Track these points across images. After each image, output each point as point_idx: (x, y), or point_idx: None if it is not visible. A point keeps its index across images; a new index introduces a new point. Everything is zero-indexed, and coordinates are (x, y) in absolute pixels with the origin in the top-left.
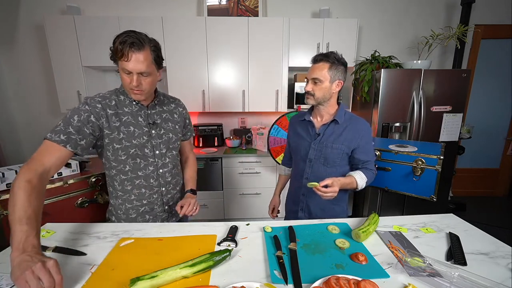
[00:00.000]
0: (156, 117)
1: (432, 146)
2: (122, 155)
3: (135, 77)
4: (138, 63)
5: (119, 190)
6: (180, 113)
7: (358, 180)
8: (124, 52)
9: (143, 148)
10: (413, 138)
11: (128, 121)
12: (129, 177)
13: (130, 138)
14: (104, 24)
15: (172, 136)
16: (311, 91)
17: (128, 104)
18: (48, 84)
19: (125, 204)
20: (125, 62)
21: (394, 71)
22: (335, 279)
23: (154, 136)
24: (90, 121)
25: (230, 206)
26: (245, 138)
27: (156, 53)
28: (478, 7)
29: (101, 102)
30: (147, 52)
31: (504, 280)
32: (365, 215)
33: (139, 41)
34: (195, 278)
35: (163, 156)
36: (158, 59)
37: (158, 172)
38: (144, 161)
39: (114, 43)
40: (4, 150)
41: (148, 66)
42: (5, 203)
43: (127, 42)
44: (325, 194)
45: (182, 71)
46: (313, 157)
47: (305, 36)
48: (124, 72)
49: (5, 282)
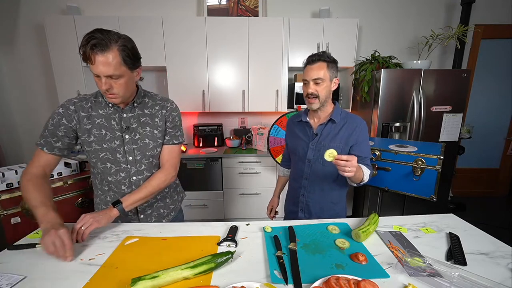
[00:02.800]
0: (132, 121)
1: (432, 146)
2: (93, 157)
3: (103, 81)
4: (104, 65)
5: (99, 189)
6: (162, 116)
7: (365, 172)
8: (88, 55)
9: (115, 152)
10: (413, 138)
11: (101, 124)
12: (106, 177)
13: (101, 141)
14: (104, 24)
15: (149, 142)
16: (315, 92)
17: (103, 106)
18: (48, 84)
19: (101, 205)
20: (91, 65)
21: (394, 71)
22: (335, 279)
23: (128, 141)
24: (62, 123)
25: (230, 206)
26: (245, 138)
27: (126, 52)
28: (478, 7)
29: (76, 104)
30: (114, 53)
31: (504, 280)
32: (365, 215)
33: (103, 41)
34: (196, 279)
35: (138, 163)
36: (130, 59)
37: (130, 180)
38: (116, 166)
39: (80, 43)
40: (4, 150)
41: (116, 68)
42: (5, 203)
43: (89, 43)
44: (345, 167)
45: (182, 71)
46: (312, 157)
47: (305, 36)
48: (94, 75)
49: (5, 282)
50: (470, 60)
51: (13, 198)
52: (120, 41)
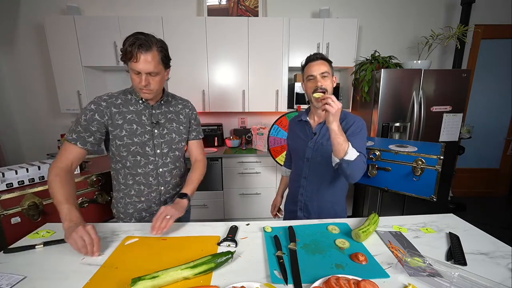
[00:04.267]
0: (160, 117)
1: (432, 146)
2: (124, 151)
3: (143, 77)
4: (146, 63)
5: (122, 183)
6: (186, 114)
7: (350, 147)
8: (133, 54)
9: (144, 146)
10: (413, 138)
11: (132, 119)
12: (131, 171)
13: (132, 135)
14: (104, 24)
15: (175, 136)
16: (324, 86)
17: (134, 103)
18: (48, 84)
19: (125, 199)
20: (134, 63)
21: (394, 71)
22: (335, 279)
23: (157, 135)
24: (95, 119)
25: (230, 206)
26: (245, 138)
27: (163, 53)
28: (478, 7)
29: (107, 101)
30: (155, 53)
31: (504, 280)
32: (365, 215)
33: (147, 42)
34: (196, 279)
35: (164, 155)
36: (165, 59)
37: (157, 171)
38: (145, 159)
39: (124, 45)
40: (4, 150)
41: (156, 66)
42: (5, 203)
43: (135, 43)
44: (328, 99)
45: (182, 71)
46: (310, 156)
47: (305, 36)
48: (133, 72)
49: (5, 282)
50: (470, 60)
51: (13, 198)
52: (158, 43)
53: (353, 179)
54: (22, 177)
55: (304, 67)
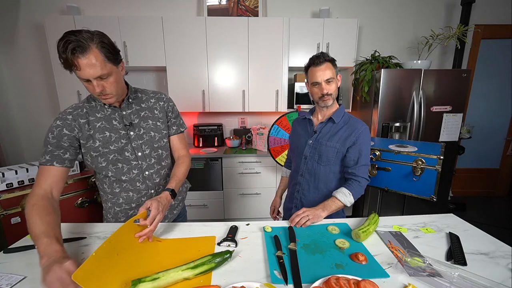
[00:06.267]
0: (133, 117)
1: (432, 146)
2: (102, 161)
3: (95, 83)
4: (90, 68)
5: (109, 193)
6: (162, 108)
7: (340, 198)
8: (71, 61)
9: (123, 152)
10: (413, 138)
11: (102, 127)
12: (116, 179)
13: (107, 144)
14: (104, 24)
15: (154, 134)
16: (330, 92)
17: (100, 109)
18: (48, 84)
19: (114, 208)
20: (78, 72)
21: (394, 71)
22: (335, 279)
23: (134, 137)
24: (64, 134)
25: (230, 206)
26: (245, 138)
27: (106, 48)
28: (478, 7)
29: (72, 113)
30: (95, 52)
31: (504, 280)
32: (365, 215)
33: (80, 42)
34: (196, 279)
35: (147, 157)
36: (111, 55)
37: (143, 175)
38: (127, 165)
39: (58, 52)
40: (4, 150)
41: (103, 67)
42: (5, 203)
43: (68, 48)
44: (306, 222)
45: (182, 71)
46: (308, 154)
47: (305, 36)
48: (82, 81)
49: (5, 282)
50: (470, 60)
51: (13, 198)
52: (95, 38)
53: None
54: (22, 177)
55: (308, 69)
